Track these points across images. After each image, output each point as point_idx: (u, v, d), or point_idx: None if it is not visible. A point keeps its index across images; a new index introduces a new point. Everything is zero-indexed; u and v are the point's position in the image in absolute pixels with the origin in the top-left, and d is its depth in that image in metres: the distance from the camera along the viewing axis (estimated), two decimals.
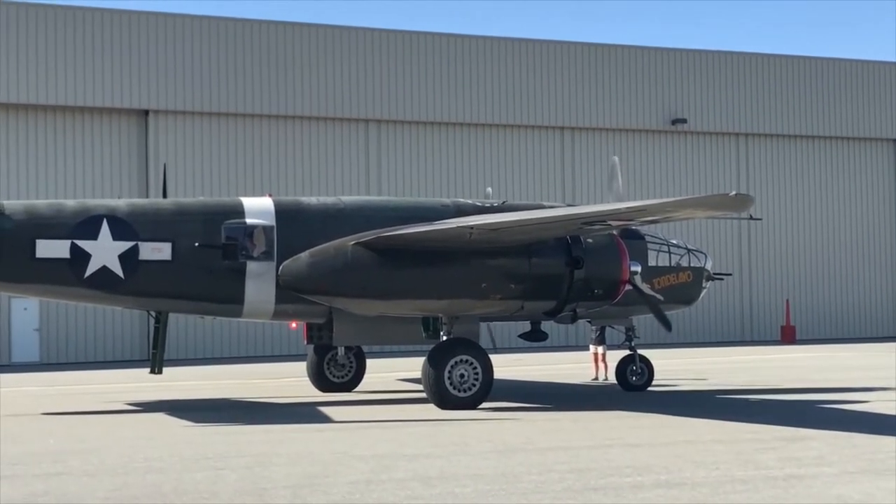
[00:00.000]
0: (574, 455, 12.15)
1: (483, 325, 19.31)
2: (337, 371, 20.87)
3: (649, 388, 20.71)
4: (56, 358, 33.78)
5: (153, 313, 18.49)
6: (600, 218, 16.34)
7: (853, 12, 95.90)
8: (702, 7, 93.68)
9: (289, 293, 17.71)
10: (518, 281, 17.84)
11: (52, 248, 16.97)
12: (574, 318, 19.12)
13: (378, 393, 20.55)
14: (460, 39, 39.43)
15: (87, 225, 17.20)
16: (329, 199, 19.14)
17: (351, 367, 20.93)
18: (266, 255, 17.74)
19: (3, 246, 16.70)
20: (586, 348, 24.42)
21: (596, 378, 23.20)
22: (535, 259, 17.90)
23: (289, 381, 23.80)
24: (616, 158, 21.93)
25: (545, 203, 22.05)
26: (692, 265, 20.81)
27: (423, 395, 17.61)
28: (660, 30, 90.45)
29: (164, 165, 23.63)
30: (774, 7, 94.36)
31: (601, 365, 23.21)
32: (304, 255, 17.50)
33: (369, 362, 21.65)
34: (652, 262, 20.21)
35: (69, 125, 35.02)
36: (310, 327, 19.88)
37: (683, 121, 41.74)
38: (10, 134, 34.47)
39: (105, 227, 17.22)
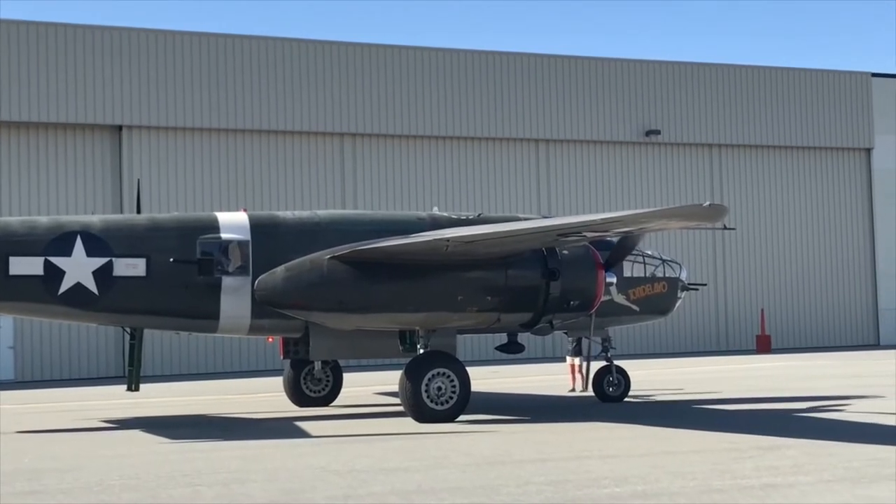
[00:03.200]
0: (552, 467, 12.16)
1: None
2: (314, 385, 20.83)
3: (626, 399, 20.77)
4: (31, 375, 33.50)
5: (128, 330, 18.41)
6: (575, 229, 16.39)
7: (826, 23, 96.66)
8: (674, 19, 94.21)
9: (265, 308, 17.68)
10: (494, 293, 17.85)
11: (25, 266, 16.87)
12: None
13: (355, 407, 20.51)
14: (435, 53, 39.46)
15: (60, 241, 17.12)
16: (304, 214, 19.11)
17: (328, 381, 20.89)
18: (241, 270, 17.71)
19: None
20: (563, 360, 24.43)
21: (573, 389, 23.23)
22: (511, 271, 17.91)
23: (265, 396, 23.72)
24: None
25: (521, 215, 22.07)
26: (667, 276, 20.89)
27: (401, 408, 17.59)
28: (633, 42, 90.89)
29: (139, 181, 23.48)
30: (747, 18, 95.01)
31: (578, 376, 23.24)
32: (279, 270, 17.47)
33: (346, 376, 21.62)
34: (627, 273, 20.30)
35: (42, 141, 34.81)
36: (286, 342, 19.83)
37: (657, 132, 41.84)
38: None
39: (79, 244, 17.14)
